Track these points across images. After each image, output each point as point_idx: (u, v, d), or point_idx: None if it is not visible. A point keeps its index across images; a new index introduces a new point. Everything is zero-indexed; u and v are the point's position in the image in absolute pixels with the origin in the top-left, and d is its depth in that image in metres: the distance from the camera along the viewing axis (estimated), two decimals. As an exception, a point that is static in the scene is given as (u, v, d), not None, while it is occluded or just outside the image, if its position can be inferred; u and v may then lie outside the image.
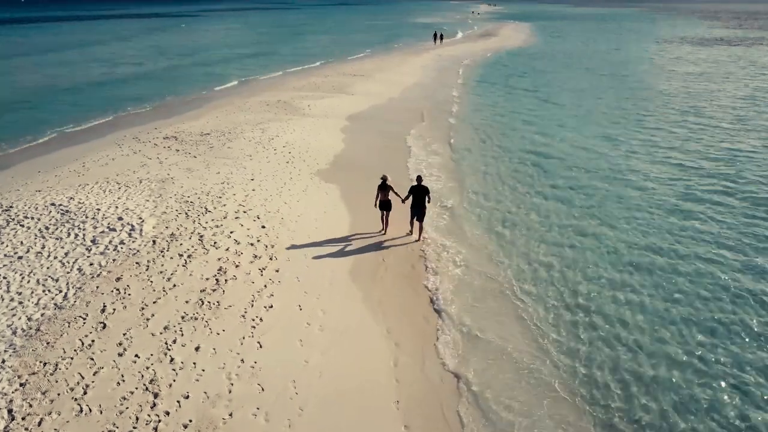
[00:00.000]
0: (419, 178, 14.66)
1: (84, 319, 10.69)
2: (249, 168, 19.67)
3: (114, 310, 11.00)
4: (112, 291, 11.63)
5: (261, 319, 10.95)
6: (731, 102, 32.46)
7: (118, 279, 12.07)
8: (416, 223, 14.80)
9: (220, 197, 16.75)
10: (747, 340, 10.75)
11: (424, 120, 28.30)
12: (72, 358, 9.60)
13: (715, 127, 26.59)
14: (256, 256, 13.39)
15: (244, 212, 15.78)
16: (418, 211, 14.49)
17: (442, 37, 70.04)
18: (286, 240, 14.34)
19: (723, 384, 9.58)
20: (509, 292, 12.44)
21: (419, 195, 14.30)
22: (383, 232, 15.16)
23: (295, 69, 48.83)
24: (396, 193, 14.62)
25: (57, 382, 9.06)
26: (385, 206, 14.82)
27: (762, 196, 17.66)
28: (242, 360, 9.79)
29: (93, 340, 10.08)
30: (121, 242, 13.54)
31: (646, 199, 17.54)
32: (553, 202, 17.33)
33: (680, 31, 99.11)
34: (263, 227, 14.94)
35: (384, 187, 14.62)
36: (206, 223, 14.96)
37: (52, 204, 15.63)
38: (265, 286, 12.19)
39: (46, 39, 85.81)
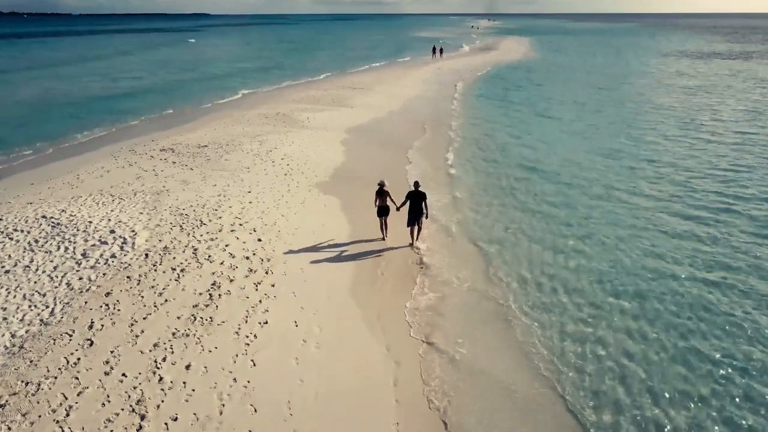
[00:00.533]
0: (416, 184, 14.64)
1: (70, 335, 10.25)
2: (246, 180, 19.32)
3: (102, 326, 10.56)
4: (101, 306, 11.19)
5: (255, 336, 10.51)
6: (732, 116, 32.11)
7: (107, 294, 11.64)
8: (414, 229, 14.83)
9: (215, 210, 16.37)
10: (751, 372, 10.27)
11: (424, 133, 27.99)
12: (56, 378, 9.15)
13: (716, 141, 26.04)
14: (251, 270, 12.97)
15: (240, 225, 15.39)
16: (415, 216, 14.52)
17: (441, 51, 70.25)
18: (282, 253, 13.93)
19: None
20: (504, 312, 11.81)
21: (417, 200, 14.35)
22: (383, 238, 15.15)
23: (294, 82, 48.85)
24: (392, 200, 14.74)
25: (39, 403, 8.59)
26: (382, 212, 14.91)
27: (765, 214, 17.07)
28: (235, 379, 9.34)
29: (79, 358, 9.63)
30: (113, 256, 13.13)
31: (646, 217, 16.69)
32: (549, 219, 16.58)
33: (679, 45, 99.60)
34: (259, 240, 14.54)
35: (381, 193, 14.73)
36: (201, 236, 14.56)
37: (43, 216, 15.24)
38: (260, 301, 11.75)
39: (47, 53, 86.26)
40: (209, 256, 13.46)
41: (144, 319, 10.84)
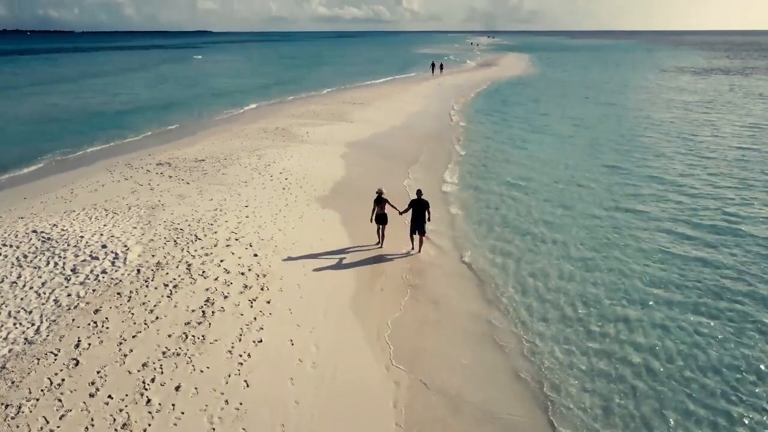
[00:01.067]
0: (419, 192, 14.84)
1: (55, 355, 9.80)
2: (243, 194, 18.96)
3: (89, 345, 10.12)
4: (89, 324, 10.75)
5: (249, 355, 10.05)
6: (733, 131, 31.77)
7: (96, 311, 11.20)
8: (417, 237, 14.93)
9: (211, 224, 15.98)
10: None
11: (424, 148, 27.70)
12: (38, 400, 8.69)
13: (717, 158, 25.52)
14: (246, 287, 12.55)
15: (236, 240, 14.99)
16: (418, 225, 14.60)
17: (441, 67, 70.37)
18: (279, 269, 13.51)
19: None
20: (495, 334, 11.33)
21: (419, 208, 14.48)
22: (380, 245, 15.22)
23: (294, 97, 48.75)
24: (392, 206, 14.91)
25: (18, 427, 8.13)
26: (381, 220, 14.99)
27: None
28: (226, 401, 8.87)
29: (63, 379, 9.17)
30: (103, 271, 12.71)
31: (644, 237, 16.02)
32: (545, 237, 16.07)
33: (678, 61, 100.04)
34: (255, 255, 14.13)
35: (379, 201, 14.83)
36: (195, 251, 14.15)
37: (33, 231, 14.84)
38: (255, 318, 11.31)
39: (49, 70, 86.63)
40: (203, 272, 13.04)
41: (133, 337, 10.40)
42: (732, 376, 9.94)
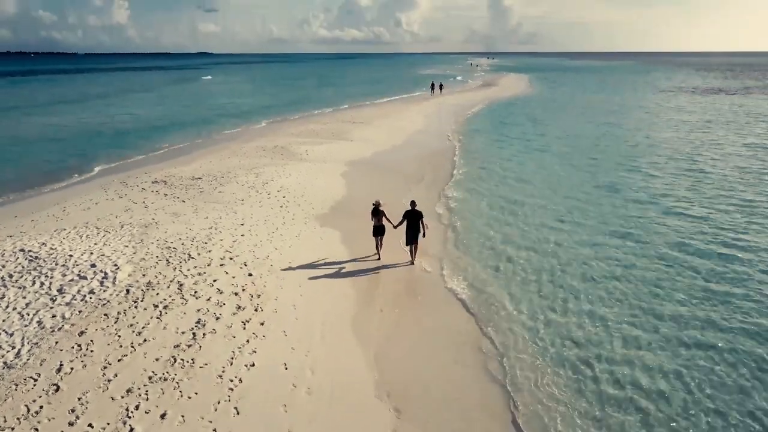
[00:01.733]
0: (413, 203, 14.97)
1: (35, 380, 9.26)
2: (240, 213, 18.53)
3: (72, 369, 9.58)
4: (73, 347, 10.22)
5: (240, 380, 9.51)
6: (735, 151, 31.27)
7: (81, 333, 10.69)
8: (412, 247, 14.98)
9: (205, 243, 15.53)
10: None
11: (426, 167, 27.34)
12: (12, 429, 8.14)
13: (720, 177, 24.77)
14: (239, 307, 12.04)
15: (231, 259, 14.51)
16: (412, 235, 14.71)
17: (441, 87, 70.49)
18: (274, 289, 13.01)
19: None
20: (488, 361, 10.85)
21: (413, 219, 14.65)
22: (378, 257, 15.29)
23: (296, 117, 48.61)
24: (388, 219, 15.03)
25: (-11, 459, 7.59)
26: (378, 231, 15.14)
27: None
28: (214, 429, 8.32)
29: (41, 406, 8.63)
30: (91, 291, 12.22)
31: (645, 257, 15.50)
32: (544, 257, 15.59)
33: (677, 81, 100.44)
34: (250, 275, 13.64)
35: (377, 213, 15.00)
36: (188, 270, 13.67)
37: (21, 250, 14.37)
38: (248, 341, 10.79)
39: (50, 90, 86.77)
40: (195, 292, 12.55)
41: (119, 361, 9.87)
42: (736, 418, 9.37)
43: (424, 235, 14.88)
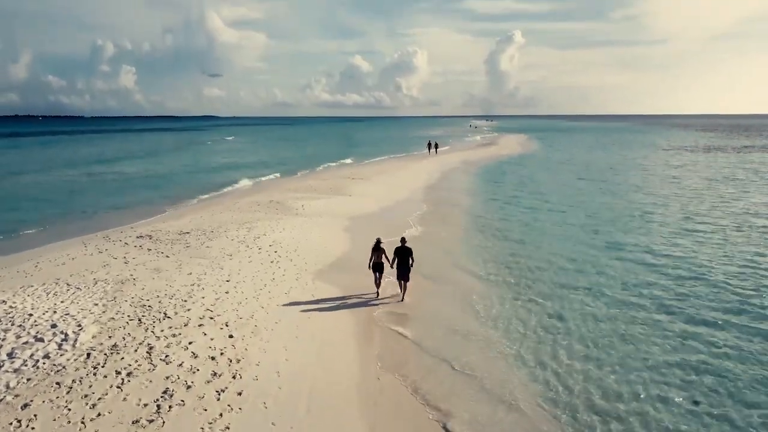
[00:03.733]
0: (403, 240, 15.45)
1: (-44, 466, 7.66)
2: (227, 268, 17.16)
3: (4, 452, 7.98)
4: (11, 423, 8.63)
5: (206, 466, 7.88)
6: (742, 207, 29.80)
7: (24, 406, 9.09)
8: (401, 283, 15.23)
9: (185, 301, 14.08)
10: None
11: (425, 223, 26.12)
12: None
13: (727, 237, 22.72)
14: (215, 374, 10.47)
15: (211, 318, 13.04)
16: (403, 271, 15.02)
17: (437, 147, 70.25)
18: (256, 353, 11.47)
19: None
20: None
21: (403, 255, 14.98)
22: (377, 294, 15.48)
23: (291, 175, 47.95)
24: (387, 258, 15.35)
25: None
26: (378, 268, 15.37)
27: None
28: None
29: (-44, 502, 7.00)
30: (46, 356, 10.69)
31: (645, 320, 13.95)
32: (542, 317, 14.09)
33: (677, 141, 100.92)
34: (231, 337, 12.13)
35: (378, 249, 15.33)
36: (161, 331, 12.17)
37: (-24, 308, 12.92)
38: (221, 415, 9.18)
39: (57, 152, 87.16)
40: (166, 356, 11.01)
41: (63, 441, 8.26)
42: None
43: (409, 270, 15.13)
